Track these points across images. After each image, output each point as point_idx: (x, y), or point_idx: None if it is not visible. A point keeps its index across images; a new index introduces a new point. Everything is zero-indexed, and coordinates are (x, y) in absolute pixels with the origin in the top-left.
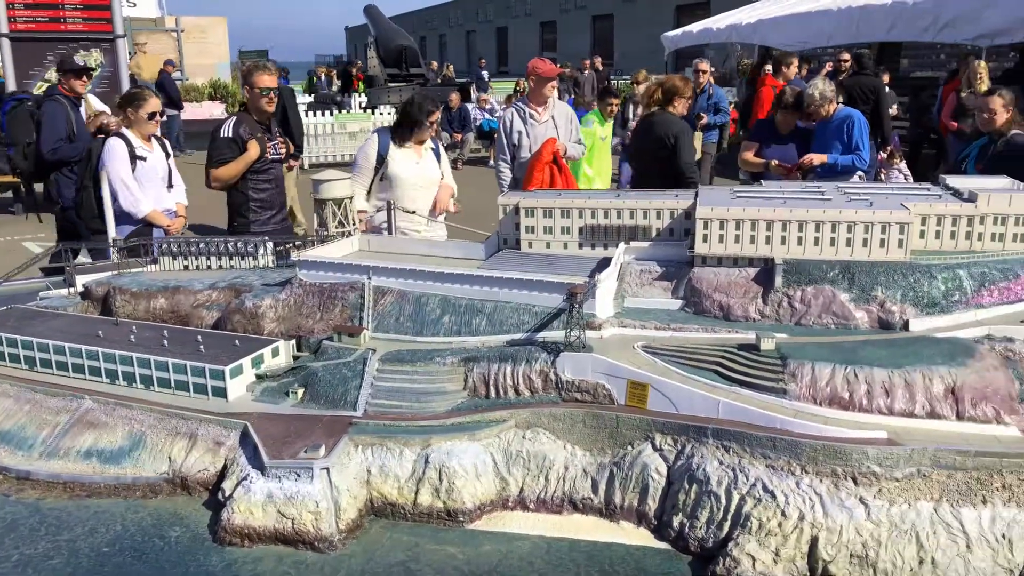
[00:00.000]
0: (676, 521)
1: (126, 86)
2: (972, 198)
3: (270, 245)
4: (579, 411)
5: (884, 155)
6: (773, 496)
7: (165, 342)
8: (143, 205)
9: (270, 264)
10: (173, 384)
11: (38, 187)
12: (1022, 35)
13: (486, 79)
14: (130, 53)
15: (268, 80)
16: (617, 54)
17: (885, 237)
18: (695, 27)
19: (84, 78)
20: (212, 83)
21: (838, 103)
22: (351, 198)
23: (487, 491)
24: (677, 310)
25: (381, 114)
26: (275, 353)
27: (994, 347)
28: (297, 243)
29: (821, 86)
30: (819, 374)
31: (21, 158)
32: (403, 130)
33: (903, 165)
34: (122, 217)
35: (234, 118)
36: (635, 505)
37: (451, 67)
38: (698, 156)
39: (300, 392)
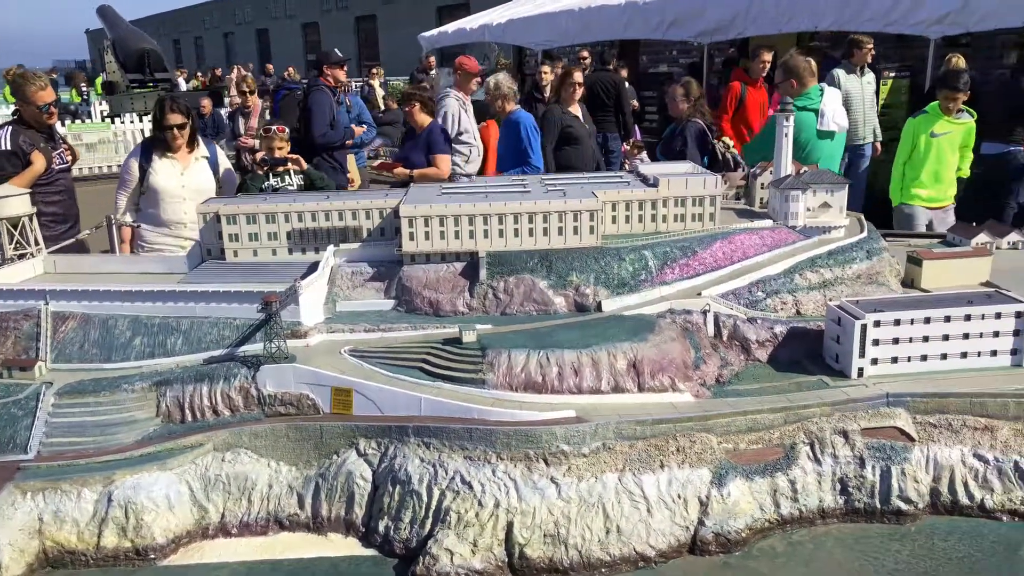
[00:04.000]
0: (382, 526)
1: None
2: (656, 183)
3: None
4: (282, 425)
5: (627, 147)
6: (470, 487)
7: None
8: None
9: None
10: None
11: None
12: (735, 32)
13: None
14: None
15: (46, 96)
16: (383, 55)
17: (578, 225)
18: (450, 27)
19: (344, 68)
20: None
21: (516, 104)
22: (31, 216)
23: (182, 522)
24: (390, 310)
25: (123, 123)
26: None
27: (675, 320)
28: None
29: (499, 79)
30: (515, 361)
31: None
32: (158, 139)
33: (644, 155)
34: None
35: (9, 128)
36: (342, 515)
37: (244, 70)
38: None
39: None
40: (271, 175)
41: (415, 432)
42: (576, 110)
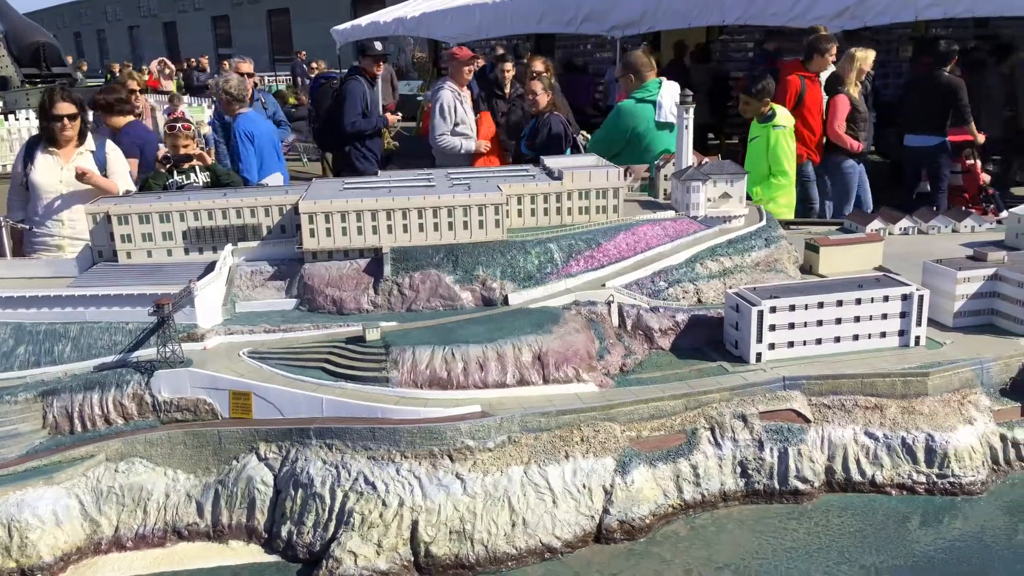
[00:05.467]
0: (284, 531)
1: None
2: (560, 176)
3: None
4: (178, 432)
5: None
6: (374, 487)
7: None
8: None
9: None
10: None
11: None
12: (647, 26)
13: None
14: None
15: None
16: (297, 49)
17: (483, 218)
18: (364, 20)
19: (381, 62)
20: None
21: (247, 107)
22: None
23: (72, 538)
24: (291, 310)
25: (17, 120)
26: None
27: (580, 312)
28: None
29: (227, 79)
30: (419, 358)
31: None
32: (44, 132)
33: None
34: None
35: None
36: (244, 522)
37: (158, 66)
38: None
39: None
40: (175, 172)
41: (317, 434)
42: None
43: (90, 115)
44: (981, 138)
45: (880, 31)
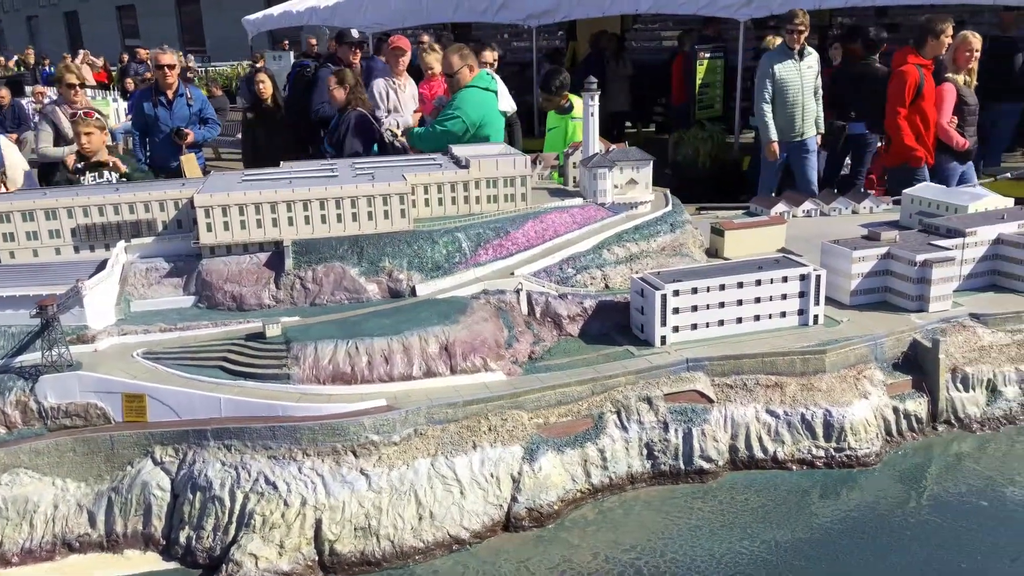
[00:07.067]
0: (183, 536)
1: None
2: (467, 165)
3: None
4: (67, 439)
5: None
6: (275, 487)
7: None
8: None
9: None
10: None
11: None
12: (562, 15)
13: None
14: None
15: None
16: (209, 40)
17: (389, 208)
18: (276, 10)
19: (356, 50)
20: None
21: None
22: None
23: None
24: (190, 307)
25: None
26: None
27: (488, 301)
28: None
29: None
30: (322, 353)
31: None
32: None
33: None
34: None
35: None
36: (140, 529)
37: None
38: None
39: None
40: (86, 172)
41: (215, 435)
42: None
43: None
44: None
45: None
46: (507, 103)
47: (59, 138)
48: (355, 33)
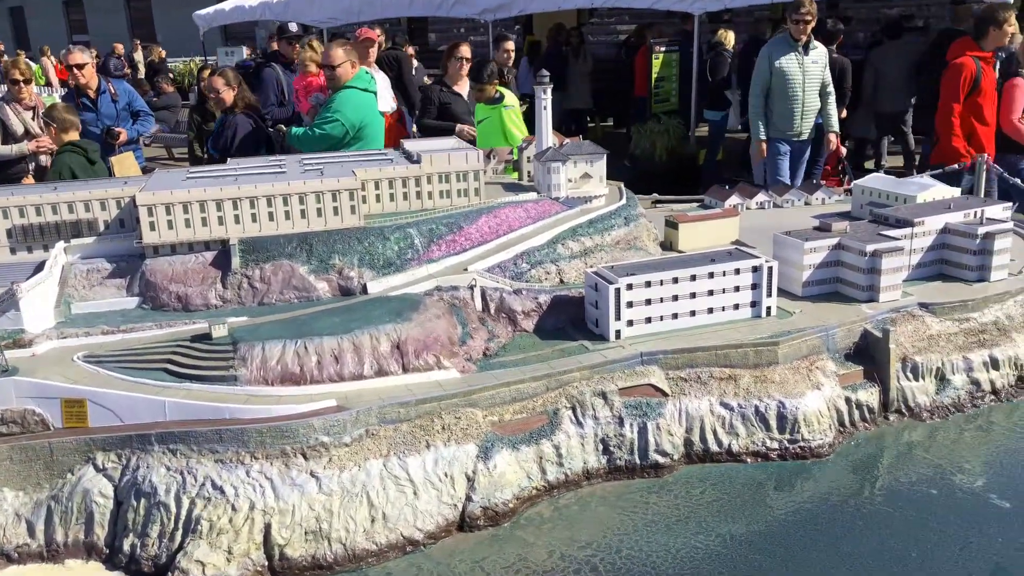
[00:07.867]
0: (127, 544)
1: None
2: (419, 160)
3: None
4: (3, 447)
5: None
6: (222, 492)
7: None
8: None
9: None
10: None
11: None
12: (517, 9)
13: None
14: None
15: None
16: (161, 36)
17: (338, 205)
18: (227, 5)
19: (297, 46)
20: None
21: None
22: None
23: None
24: (133, 309)
25: None
26: None
27: (442, 297)
28: None
29: None
30: (270, 353)
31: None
32: None
33: None
34: None
35: None
36: (82, 538)
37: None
38: None
39: None
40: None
41: (159, 439)
42: (463, 87)
43: None
44: (843, 114)
45: (740, 12)
46: (387, 103)
47: (7, 136)
48: (293, 27)
